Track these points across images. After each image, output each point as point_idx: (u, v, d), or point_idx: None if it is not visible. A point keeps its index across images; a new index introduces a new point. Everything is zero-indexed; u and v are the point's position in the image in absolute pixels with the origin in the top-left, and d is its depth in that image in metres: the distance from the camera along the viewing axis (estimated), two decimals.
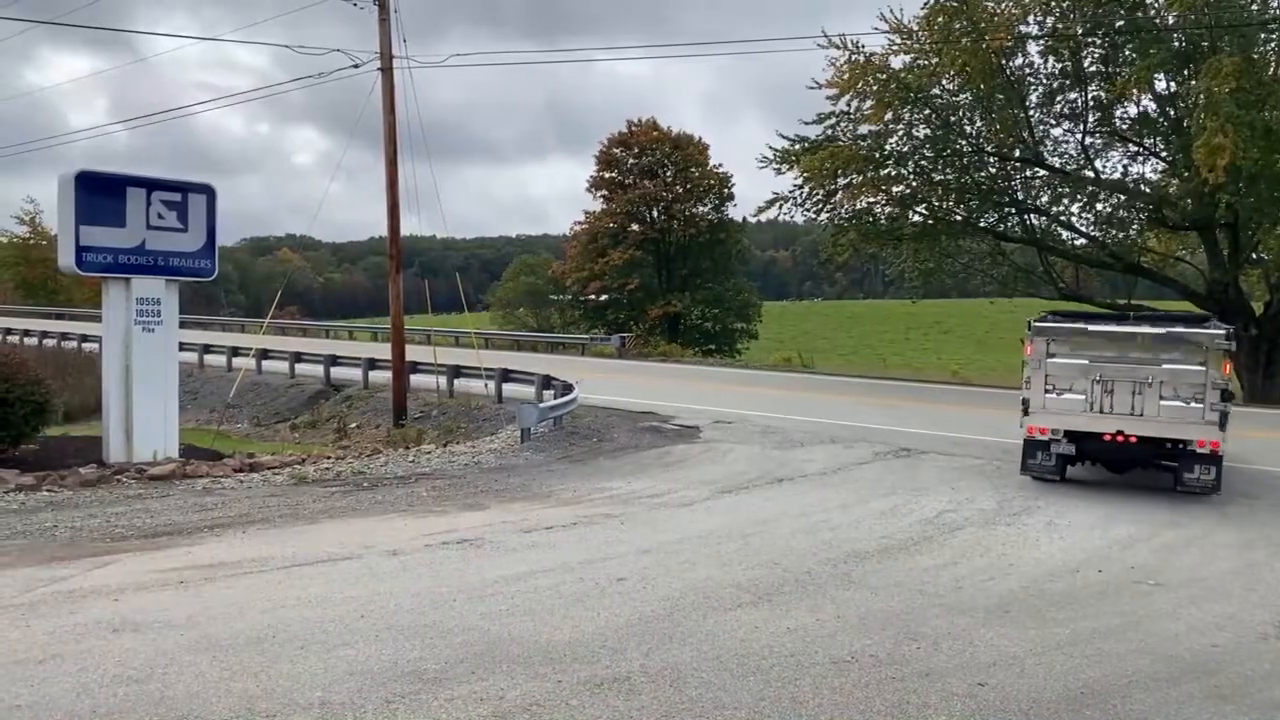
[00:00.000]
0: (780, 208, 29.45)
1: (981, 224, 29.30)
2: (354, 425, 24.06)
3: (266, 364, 30.29)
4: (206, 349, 32.60)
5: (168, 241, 16.43)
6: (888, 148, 27.27)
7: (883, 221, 28.83)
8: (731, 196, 51.14)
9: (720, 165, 51.12)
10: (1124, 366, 12.34)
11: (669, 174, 50.41)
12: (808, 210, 29.05)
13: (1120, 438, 12.35)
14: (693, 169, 49.95)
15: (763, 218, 33.43)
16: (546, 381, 22.31)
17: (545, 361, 31.10)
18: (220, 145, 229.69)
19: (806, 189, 28.09)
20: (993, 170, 28.50)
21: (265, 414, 27.17)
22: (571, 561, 8.74)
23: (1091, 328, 12.93)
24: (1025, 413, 12.85)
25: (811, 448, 16.03)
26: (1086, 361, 12.52)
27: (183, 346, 19.07)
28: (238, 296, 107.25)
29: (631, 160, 50.95)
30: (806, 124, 27.78)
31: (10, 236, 74.65)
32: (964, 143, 27.54)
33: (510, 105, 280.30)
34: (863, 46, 26.05)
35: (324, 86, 23.20)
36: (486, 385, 24.01)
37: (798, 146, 27.64)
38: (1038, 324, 13.18)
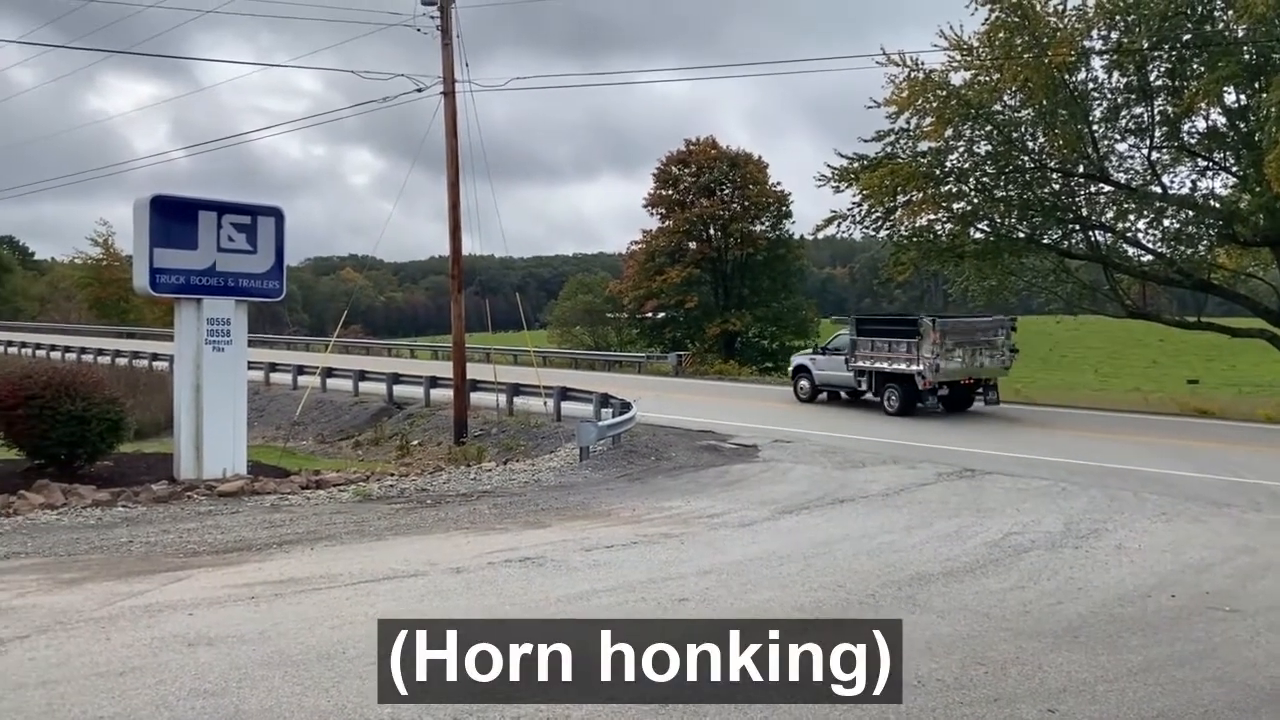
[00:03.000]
0: (838, 225, 29.31)
1: (1045, 241, 28.83)
2: (416, 442, 24.37)
3: (331, 382, 30.86)
4: (273, 367, 33.31)
5: (237, 263, 16.86)
6: (948, 164, 27.04)
7: (943, 239, 28.53)
8: (790, 214, 51.00)
9: (779, 184, 51.03)
10: (971, 342, 22.42)
11: (727, 192, 50.40)
12: (866, 228, 28.90)
13: (967, 381, 22.76)
14: (751, 187, 49.87)
15: (820, 235, 33.37)
16: (604, 400, 22.42)
17: (602, 379, 31.27)
18: (278, 167, 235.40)
19: (865, 206, 27.94)
20: (1056, 186, 28.07)
21: (330, 431, 27.66)
22: (633, 581, 8.77)
23: (964, 320, 23.57)
24: (921, 375, 21.94)
25: (873, 468, 15.89)
26: (954, 343, 22.06)
27: (250, 365, 19.49)
28: (302, 315, 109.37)
29: (689, 178, 51.03)
30: (865, 141, 27.66)
31: (84, 258, 77.13)
32: (1026, 159, 27.20)
33: (559, 124, 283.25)
34: (922, 63, 25.91)
35: (378, 108, 23.63)
36: (545, 403, 24.20)
37: (856, 164, 27.52)
38: (929, 318, 22.53)
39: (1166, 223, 28.17)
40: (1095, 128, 26.65)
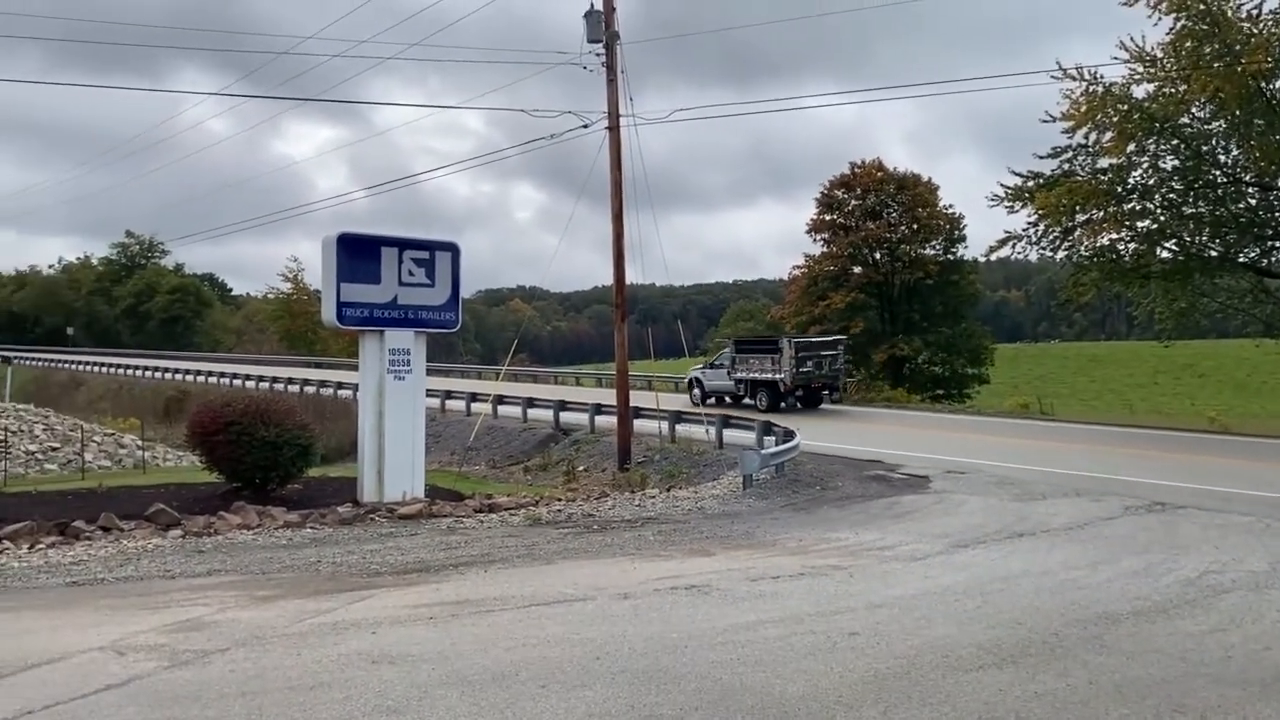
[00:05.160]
0: (1013, 246, 28.37)
1: (1241, 259, 27.03)
2: (582, 468, 24.82)
3: (501, 409, 31.85)
4: (448, 395, 34.64)
5: (417, 296, 17.66)
6: (1131, 181, 25.78)
7: (1127, 259, 27.17)
8: (963, 237, 49.35)
9: (950, 205, 49.56)
10: (817, 356, 30.43)
11: (894, 214, 49.31)
12: (1043, 249, 27.84)
13: (817, 383, 30.59)
14: (920, 209, 48.63)
15: (993, 257, 32.32)
16: (767, 427, 22.27)
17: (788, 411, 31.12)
18: (448, 203, 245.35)
19: (1042, 226, 26.92)
20: (1253, 201, 26.30)
21: (500, 456, 28.50)
22: (801, 613, 8.64)
23: (811, 340, 32.37)
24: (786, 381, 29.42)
25: (1053, 500, 15.16)
26: (805, 357, 29.88)
27: (427, 393, 20.31)
28: (474, 345, 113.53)
29: (854, 202, 50.24)
30: (1040, 158, 26.70)
31: (276, 293, 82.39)
32: (1218, 173, 25.62)
33: (715, 151, 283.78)
34: (1101, 77, 24.81)
35: (545, 145, 24.33)
36: (707, 431, 24.24)
37: (1031, 183, 26.56)
38: (785, 339, 31.18)
39: None
40: None
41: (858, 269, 49.79)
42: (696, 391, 32.93)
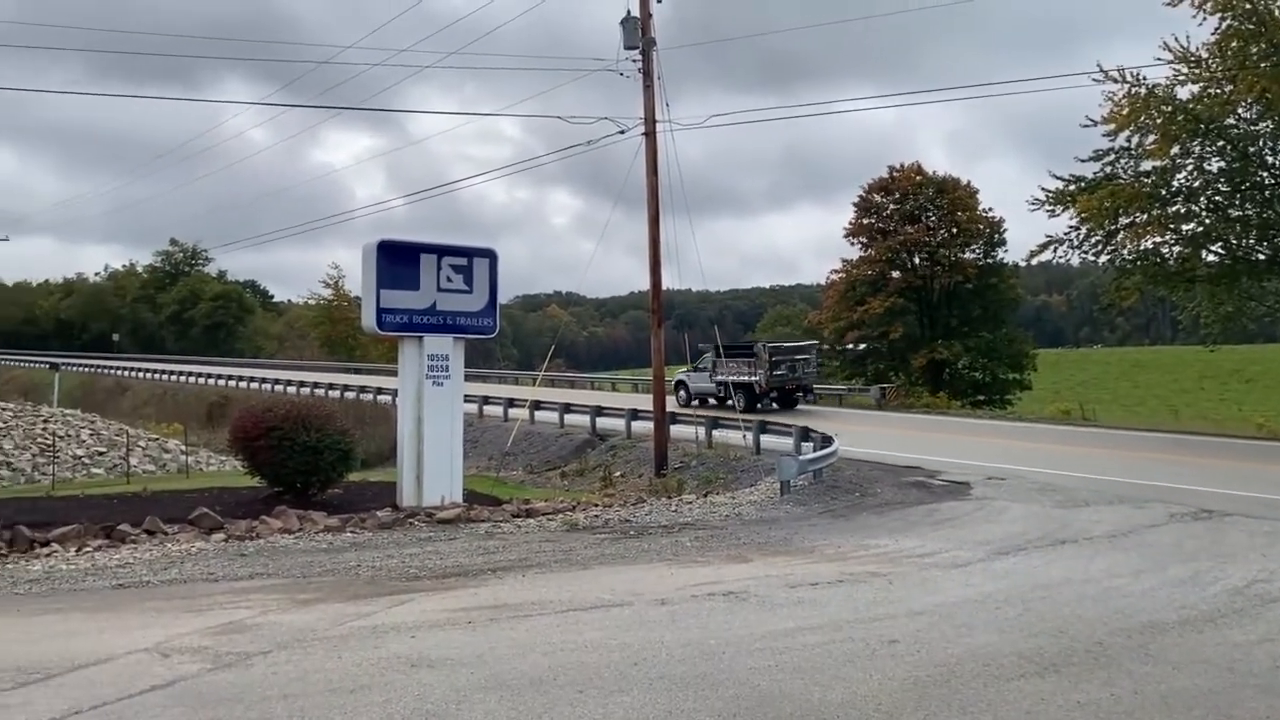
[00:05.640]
0: (1055, 250, 28.05)
1: None
2: (618, 474, 24.82)
3: (538, 414, 31.95)
4: (485, 400, 34.80)
5: (455, 302, 17.77)
6: (1175, 183, 25.41)
7: (1171, 262, 26.76)
8: (1003, 241, 48.79)
9: (990, 209, 49.04)
10: (790, 360, 31.81)
11: (933, 218, 48.88)
12: (1085, 252, 27.50)
13: (790, 385, 31.95)
14: (960, 213, 48.17)
15: (1034, 261, 31.98)
16: (805, 433, 22.15)
17: (801, 413, 30.99)
18: (484, 210, 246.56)
19: (1084, 230, 26.60)
20: None
21: (538, 462, 28.58)
22: (839, 620, 8.58)
23: (785, 345, 34.06)
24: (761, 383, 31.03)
25: (1097, 507, 14.95)
26: (779, 361, 31.34)
27: (465, 399, 20.42)
28: (511, 350, 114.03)
29: (893, 206, 49.87)
30: (1081, 162, 26.40)
31: (317, 299, 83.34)
32: (1266, 174, 25.17)
33: (751, 156, 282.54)
34: (1144, 78, 24.48)
35: (582, 151, 24.41)
36: (744, 436, 24.15)
37: (1073, 187, 26.25)
38: (761, 345, 33.20)
39: None
40: None
41: (896, 273, 49.39)
42: (683, 393, 34.48)
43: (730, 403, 31.25)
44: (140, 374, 71.75)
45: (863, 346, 49.73)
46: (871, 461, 20.38)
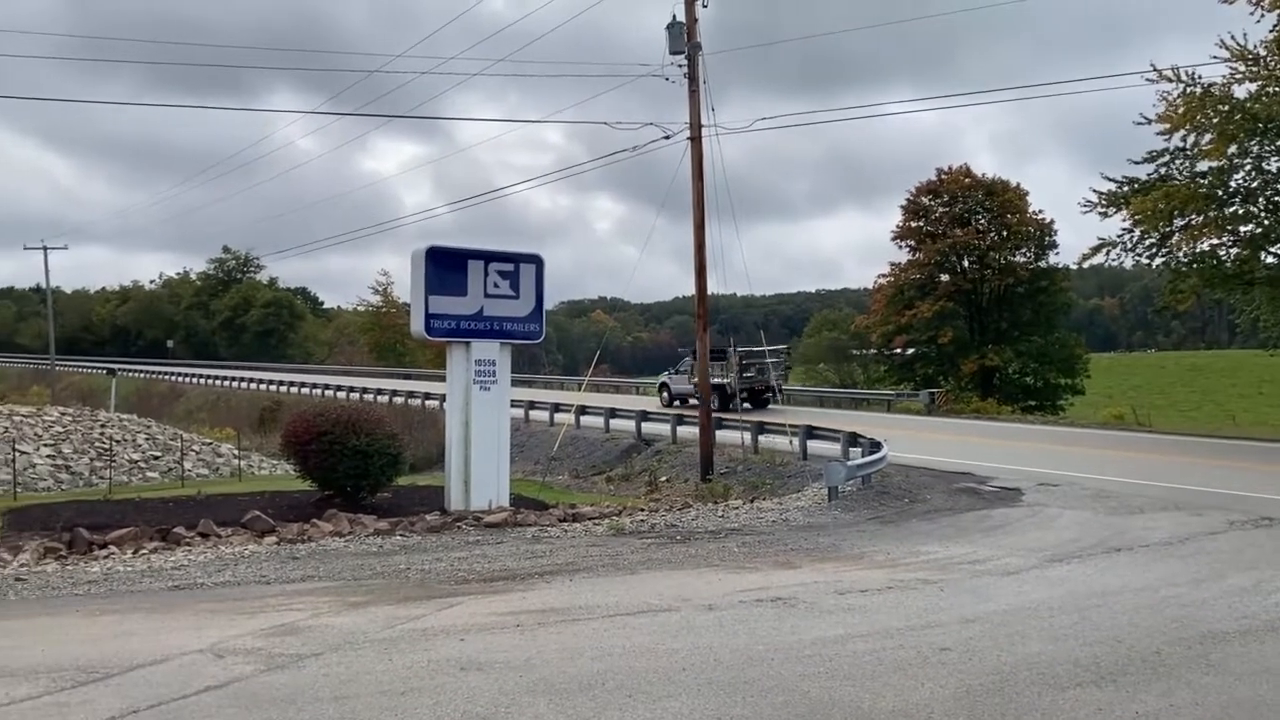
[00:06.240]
0: (1108, 253, 27.58)
1: None
2: (664, 479, 24.82)
3: (584, 419, 32.04)
4: (531, 405, 35.02)
5: (502, 308, 17.87)
6: (1233, 184, 24.89)
7: (1229, 264, 26.19)
8: (1054, 244, 48.09)
9: (1040, 211, 48.34)
10: (759, 363, 33.04)
11: (983, 221, 48.29)
12: (1139, 255, 26.99)
13: (759, 386, 33.28)
14: (1010, 216, 47.54)
15: (1086, 264, 31.50)
16: (853, 439, 21.97)
17: (849, 418, 30.77)
18: (530, 216, 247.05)
19: (1137, 232, 26.12)
20: None
21: (583, 466, 28.67)
22: (890, 627, 8.48)
23: (754, 349, 33.69)
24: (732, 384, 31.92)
25: (1153, 514, 14.65)
26: (748, 363, 32.67)
27: (512, 404, 20.52)
28: (556, 356, 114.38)
29: (941, 209, 49.35)
30: (1135, 163, 25.94)
31: (366, 305, 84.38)
32: None
33: (796, 160, 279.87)
34: (1199, 77, 23.99)
35: (627, 157, 24.45)
36: (791, 442, 24.02)
37: (1126, 188, 25.80)
38: (731, 349, 32.75)
39: None
40: None
41: (945, 277, 48.88)
42: (665, 394, 36.57)
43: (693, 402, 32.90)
44: (194, 379, 73.16)
45: (911, 351, 49.27)
46: (921, 467, 20.17)
